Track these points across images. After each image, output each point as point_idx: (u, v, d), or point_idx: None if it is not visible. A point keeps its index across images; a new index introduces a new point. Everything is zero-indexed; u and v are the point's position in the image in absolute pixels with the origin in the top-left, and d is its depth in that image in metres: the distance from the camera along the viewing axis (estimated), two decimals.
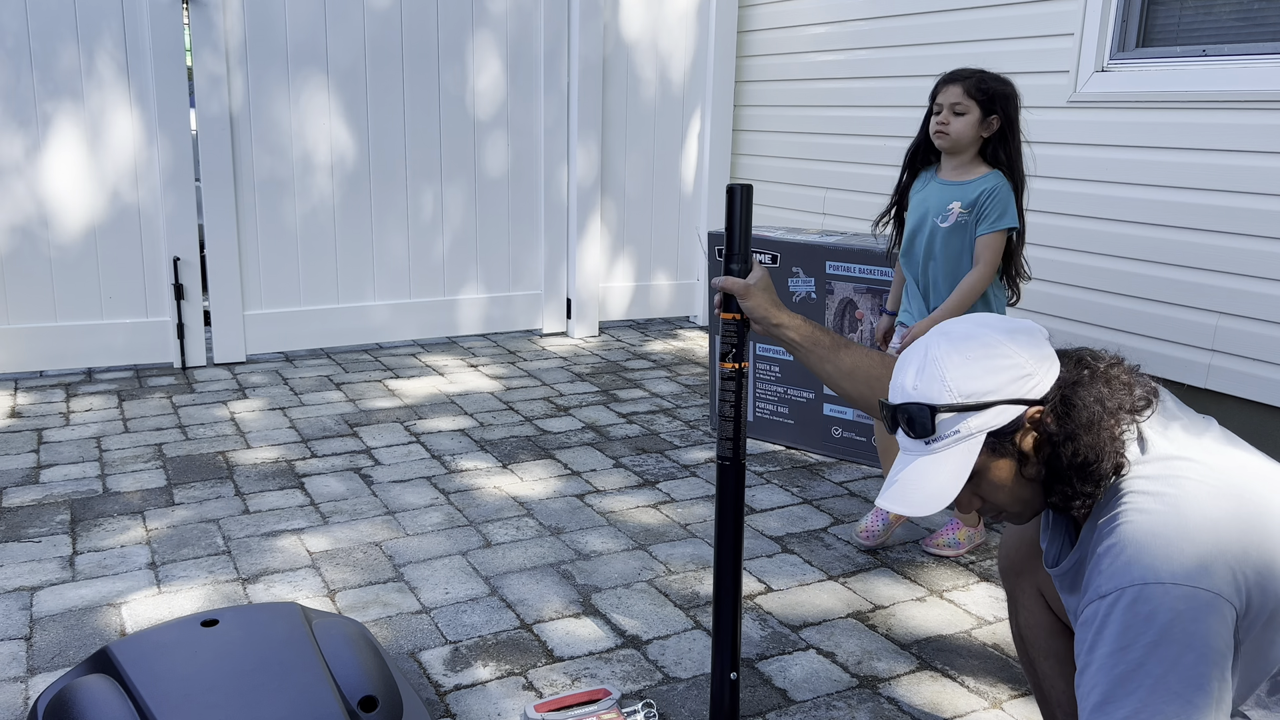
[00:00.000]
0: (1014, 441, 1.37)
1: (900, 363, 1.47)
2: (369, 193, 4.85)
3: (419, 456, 3.51)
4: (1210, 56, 3.38)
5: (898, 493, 1.41)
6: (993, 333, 1.41)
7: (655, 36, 5.34)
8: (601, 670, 2.24)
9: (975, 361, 1.37)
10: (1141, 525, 1.27)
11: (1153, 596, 1.22)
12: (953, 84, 2.58)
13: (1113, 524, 1.31)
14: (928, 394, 1.38)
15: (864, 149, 4.71)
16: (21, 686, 2.13)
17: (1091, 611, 1.27)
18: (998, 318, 1.47)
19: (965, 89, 2.56)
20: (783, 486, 3.33)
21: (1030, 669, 1.82)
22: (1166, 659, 1.20)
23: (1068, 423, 1.35)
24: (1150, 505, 1.29)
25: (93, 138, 4.27)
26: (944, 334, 1.43)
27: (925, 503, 1.38)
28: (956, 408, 1.36)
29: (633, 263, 5.56)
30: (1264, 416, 3.27)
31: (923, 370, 1.40)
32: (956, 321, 1.46)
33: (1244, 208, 3.26)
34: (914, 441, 1.42)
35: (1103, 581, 1.26)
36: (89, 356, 4.44)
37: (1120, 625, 1.23)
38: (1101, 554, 1.29)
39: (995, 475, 1.40)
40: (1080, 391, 1.36)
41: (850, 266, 3.38)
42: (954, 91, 2.57)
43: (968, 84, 2.56)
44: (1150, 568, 1.23)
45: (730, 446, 1.88)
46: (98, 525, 2.90)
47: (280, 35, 4.51)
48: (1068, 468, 1.35)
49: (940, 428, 1.38)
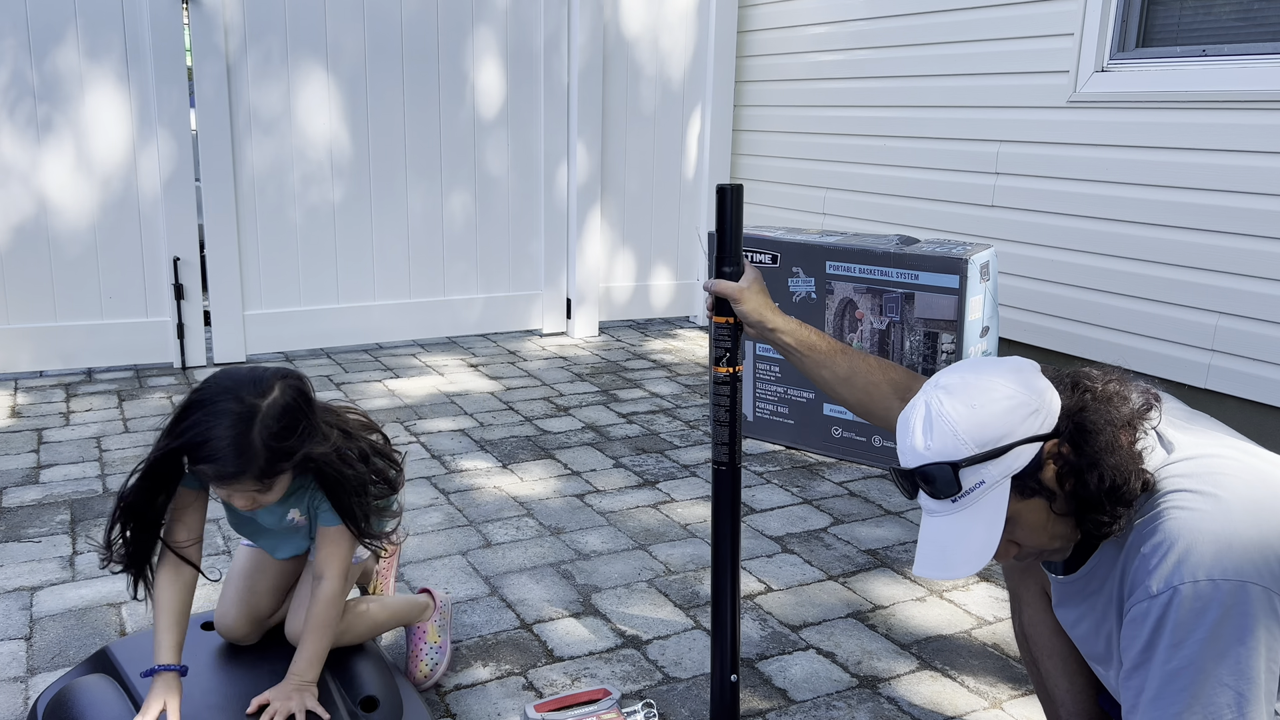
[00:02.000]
0: (1039, 480, 1.34)
1: (901, 425, 1.43)
2: (369, 192, 4.85)
3: (419, 456, 3.51)
4: (1210, 56, 3.38)
5: (937, 559, 1.37)
6: (987, 376, 1.38)
7: (655, 35, 5.34)
8: (601, 670, 2.24)
9: (982, 407, 1.34)
10: (1187, 522, 1.28)
11: (1204, 594, 1.24)
12: (234, 481, 1.72)
13: (1156, 522, 1.31)
14: (944, 451, 1.34)
15: (864, 149, 4.71)
16: (21, 686, 2.13)
17: (1143, 610, 1.28)
18: (988, 360, 1.44)
19: (254, 477, 1.71)
20: (783, 486, 3.33)
21: (1033, 668, 1.82)
22: (1217, 654, 1.23)
23: (1087, 449, 1.33)
24: (1192, 502, 1.30)
25: (93, 137, 4.27)
26: (939, 387, 1.40)
27: (968, 563, 1.35)
28: (977, 458, 1.33)
29: (633, 262, 5.56)
30: (1264, 416, 3.27)
31: (930, 428, 1.36)
32: (947, 373, 1.43)
33: (1244, 208, 3.26)
34: (939, 503, 1.38)
35: (1153, 580, 1.28)
36: (89, 356, 4.44)
37: (1173, 623, 1.25)
38: (1149, 553, 1.30)
39: (1030, 518, 1.37)
40: (1090, 415, 1.34)
41: (850, 266, 3.38)
42: (239, 488, 1.75)
43: (252, 473, 1.71)
44: (1201, 564, 1.25)
45: (726, 451, 1.87)
46: (98, 525, 2.90)
47: (280, 34, 4.51)
48: (1097, 493, 1.32)
49: (964, 482, 1.34)
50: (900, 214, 4.53)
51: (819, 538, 2.95)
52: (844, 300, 3.42)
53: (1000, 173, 4.06)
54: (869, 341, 3.38)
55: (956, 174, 4.24)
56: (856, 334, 3.41)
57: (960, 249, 3.23)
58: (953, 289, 3.16)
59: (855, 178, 4.78)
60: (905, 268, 3.25)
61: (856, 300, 3.39)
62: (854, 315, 3.41)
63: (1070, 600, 1.51)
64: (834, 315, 3.45)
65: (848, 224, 4.80)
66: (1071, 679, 1.70)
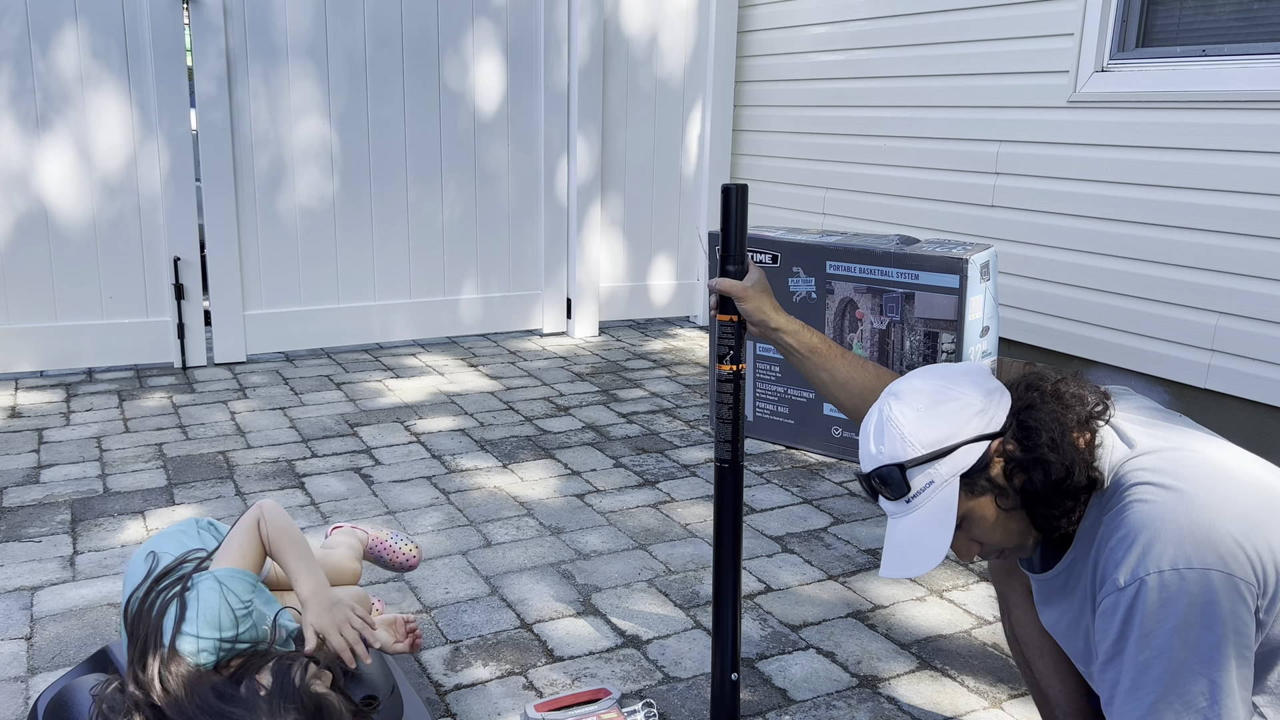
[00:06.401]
0: (988, 477, 1.40)
1: (862, 435, 1.50)
2: (369, 191, 4.85)
3: (419, 456, 3.51)
4: (1210, 56, 3.38)
5: (894, 558, 1.45)
6: (936, 379, 1.45)
7: (655, 33, 5.34)
8: (601, 670, 2.24)
9: (927, 411, 1.41)
10: (1151, 512, 1.31)
11: (1170, 583, 1.26)
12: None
13: (1121, 515, 1.34)
14: (893, 453, 1.42)
15: (864, 149, 4.72)
16: (21, 686, 2.13)
17: (1111, 603, 1.31)
18: (939, 366, 1.51)
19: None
20: (783, 486, 3.33)
21: (1025, 669, 1.82)
22: (1188, 643, 1.25)
23: (1031, 446, 1.38)
24: (1156, 494, 1.32)
25: (93, 137, 4.27)
26: (892, 394, 1.47)
27: (923, 560, 1.41)
28: (923, 459, 1.40)
29: (633, 262, 5.56)
30: (1264, 416, 3.28)
31: (881, 433, 1.44)
32: (901, 380, 1.50)
33: (1244, 208, 3.27)
34: (895, 504, 1.46)
35: (1120, 573, 1.30)
36: (89, 356, 4.44)
37: (1142, 614, 1.27)
38: (1114, 546, 1.33)
39: (981, 514, 1.42)
40: (1034, 413, 1.39)
41: (850, 266, 3.38)
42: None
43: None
44: (1165, 554, 1.27)
45: (729, 449, 1.88)
46: (98, 525, 2.91)
47: (280, 33, 4.51)
48: (1043, 488, 1.38)
49: (914, 483, 1.41)
50: (900, 214, 4.53)
51: (819, 537, 2.95)
52: (844, 300, 3.42)
53: (1000, 173, 4.06)
54: (869, 341, 3.39)
55: (956, 174, 4.24)
56: (857, 334, 3.41)
57: (960, 249, 3.23)
58: (953, 289, 3.16)
59: (855, 178, 4.78)
60: (905, 267, 3.25)
61: (857, 300, 3.39)
62: (854, 315, 3.41)
63: (1051, 600, 1.53)
64: (834, 315, 3.46)
65: (848, 224, 4.81)
66: (1064, 678, 1.72)
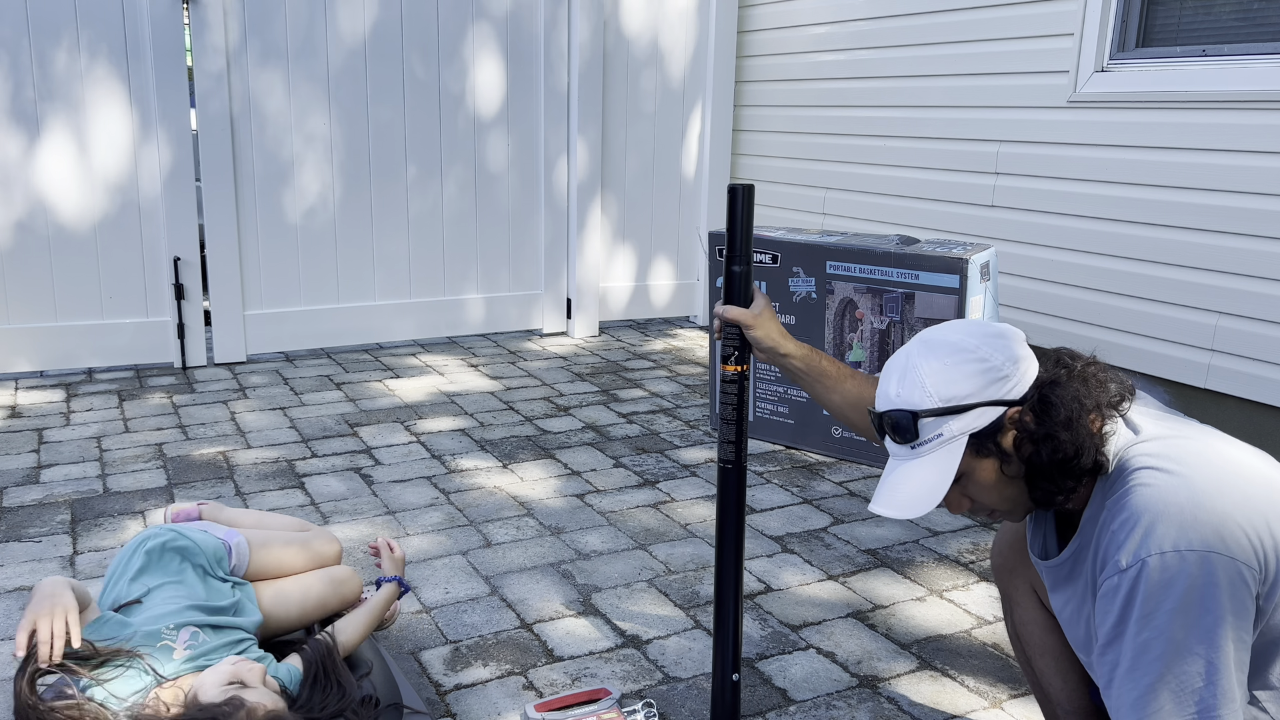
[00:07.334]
0: (996, 442, 1.42)
1: (885, 371, 1.52)
2: (369, 191, 4.85)
3: (419, 456, 3.51)
4: (1210, 56, 3.38)
5: (886, 496, 1.47)
6: (970, 337, 1.45)
7: (655, 34, 5.34)
8: (601, 670, 2.24)
9: (953, 367, 1.42)
10: (1153, 496, 1.32)
11: (1170, 565, 1.27)
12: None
13: (1124, 498, 1.35)
14: (909, 400, 1.44)
15: (864, 149, 4.72)
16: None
17: (1113, 584, 1.32)
18: (977, 323, 1.51)
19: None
20: (783, 486, 3.33)
21: (1027, 667, 1.83)
22: (1186, 623, 1.26)
23: (1046, 421, 1.39)
24: (1158, 478, 1.33)
25: (93, 137, 4.27)
26: (923, 341, 1.48)
27: (911, 504, 1.44)
28: (937, 412, 1.41)
29: (633, 262, 5.56)
30: (1264, 416, 3.28)
31: (904, 378, 1.46)
32: (936, 329, 1.51)
33: (1244, 208, 3.27)
34: (900, 447, 1.48)
35: (1121, 554, 1.32)
36: (89, 356, 4.44)
37: (1142, 595, 1.28)
38: (1117, 529, 1.34)
39: (981, 476, 1.44)
40: (1058, 390, 1.40)
41: (850, 266, 3.38)
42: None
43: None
44: (1166, 536, 1.28)
45: (732, 449, 1.88)
46: (98, 525, 2.91)
47: (280, 33, 4.51)
48: (1048, 464, 1.39)
49: (923, 432, 1.43)
50: (900, 214, 4.53)
51: (819, 537, 2.95)
52: (844, 300, 3.42)
53: (1000, 173, 4.06)
54: (869, 341, 3.39)
55: (956, 174, 4.25)
56: (857, 334, 3.42)
57: (960, 249, 3.23)
58: (953, 289, 3.16)
59: (855, 178, 4.78)
60: (905, 267, 3.25)
61: (857, 300, 3.39)
62: (854, 315, 3.41)
63: (1059, 586, 1.54)
64: (834, 315, 3.46)
65: (848, 224, 4.81)
66: (1065, 676, 1.73)
